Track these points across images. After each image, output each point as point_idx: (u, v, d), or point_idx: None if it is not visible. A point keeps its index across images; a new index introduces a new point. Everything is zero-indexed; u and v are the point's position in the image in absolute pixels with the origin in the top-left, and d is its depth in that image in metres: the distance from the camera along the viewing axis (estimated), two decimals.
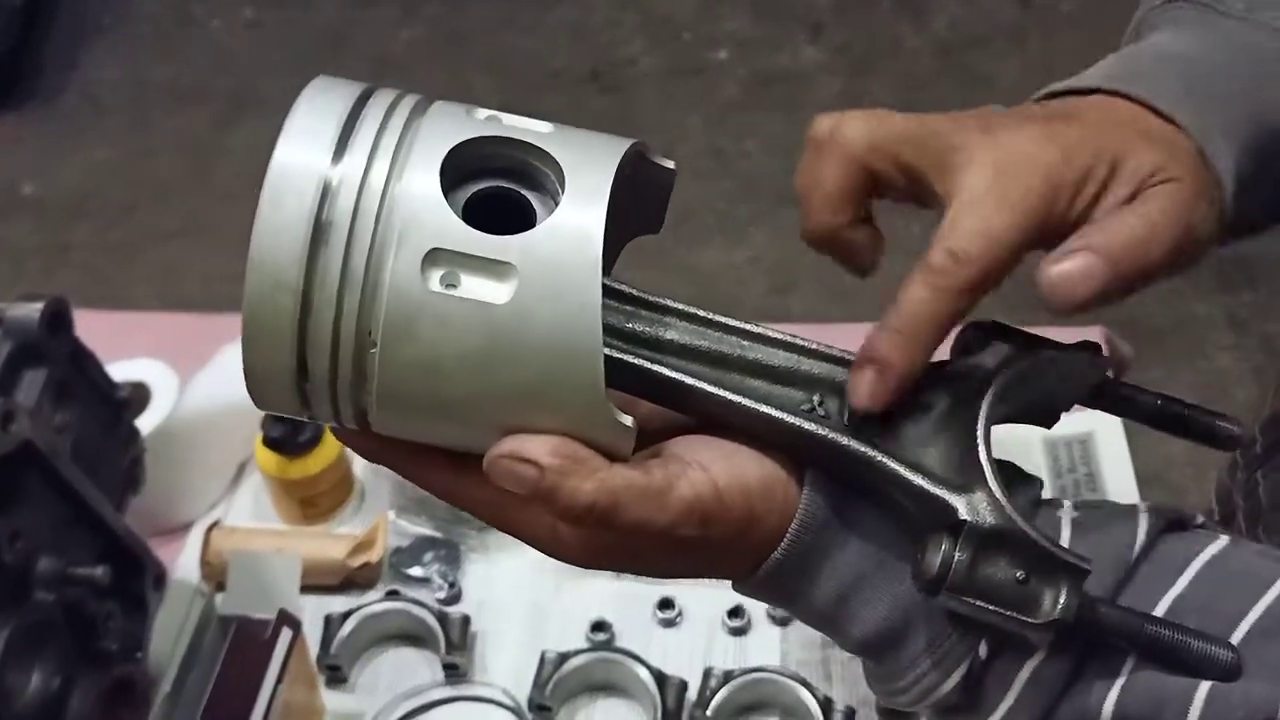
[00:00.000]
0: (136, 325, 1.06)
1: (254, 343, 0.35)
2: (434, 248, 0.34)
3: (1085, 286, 0.39)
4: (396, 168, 0.35)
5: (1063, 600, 0.37)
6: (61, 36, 2.69)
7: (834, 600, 0.41)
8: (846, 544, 0.40)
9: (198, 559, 0.86)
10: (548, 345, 0.35)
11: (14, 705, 0.65)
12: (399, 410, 0.36)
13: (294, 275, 0.34)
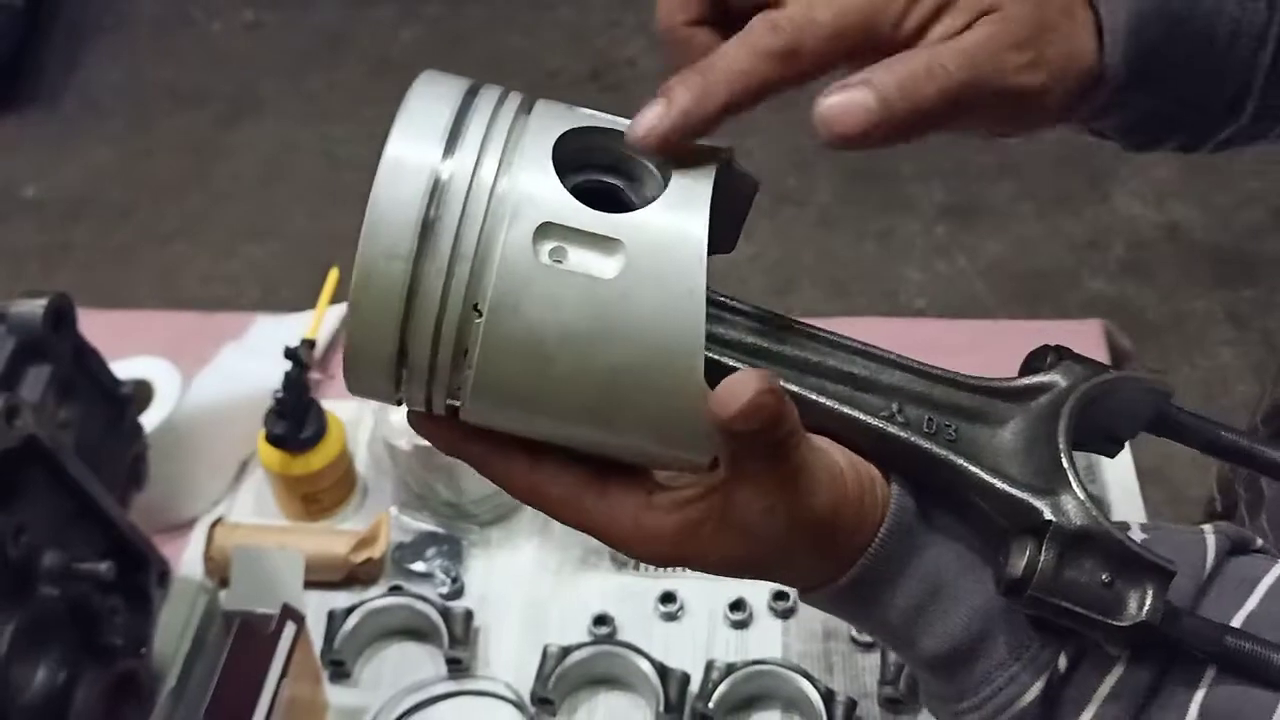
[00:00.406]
0: (138, 324, 1.06)
1: (360, 315, 0.35)
2: (545, 222, 0.35)
3: (852, 120, 0.38)
4: (508, 152, 0.36)
5: (1149, 603, 0.37)
6: (62, 38, 2.69)
7: (912, 609, 0.40)
8: (928, 549, 0.40)
9: (201, 555, 0.86)
10: (651, 325, 0.35)
11: (19, 700, 0.65)
12: (494, 390, 0.36)
13: (407, 245, 0.35)
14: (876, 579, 0.40)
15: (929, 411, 0.40)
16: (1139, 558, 0.38)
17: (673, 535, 0.39)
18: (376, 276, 0.35)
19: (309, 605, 0.78)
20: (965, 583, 0.40)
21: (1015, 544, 0.38)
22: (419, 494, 0.89)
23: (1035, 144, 2.18)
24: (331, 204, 2.32)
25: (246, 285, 2.18)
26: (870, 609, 0.41)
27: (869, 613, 0.41)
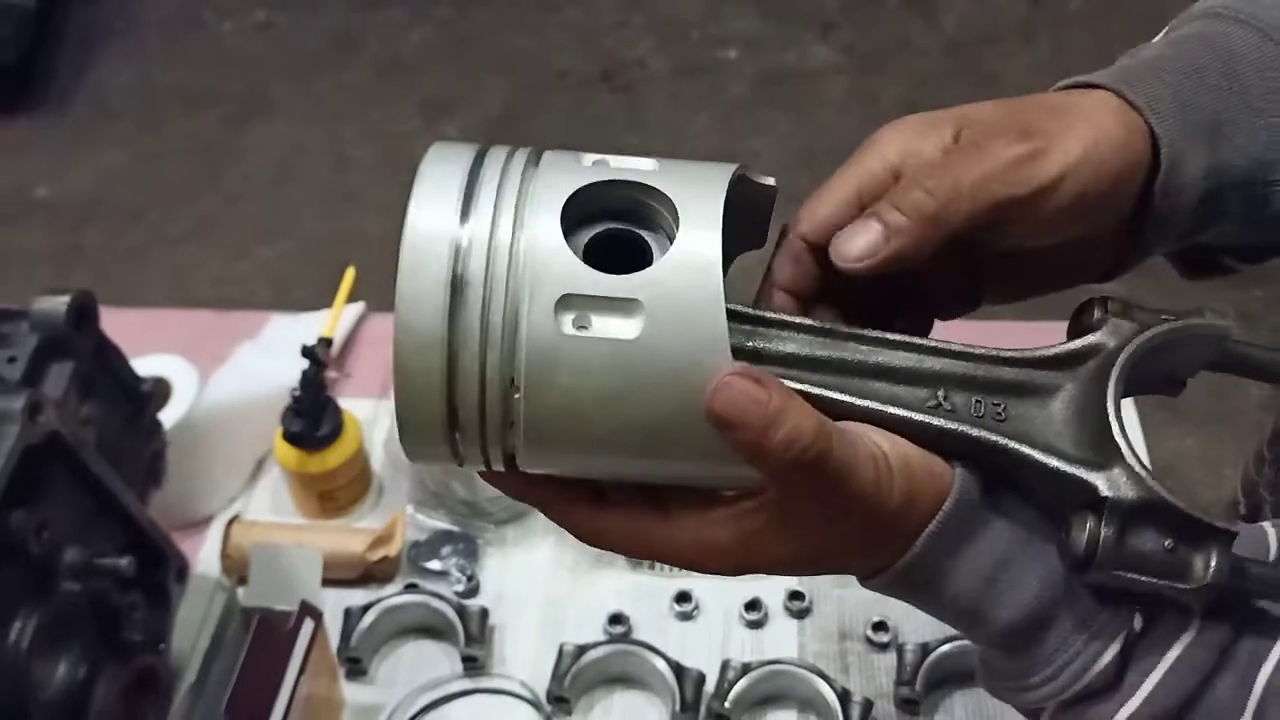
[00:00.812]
0: (153, 323, 1.07)
1: (406, 399, 0.37)
2: (564, 294, 0.36)
3: (861, 248, 0.41)
4: (519, 222, 0.37)
5: (1214, 564, 0.38)
6: (73, 41, 2.70)
7: (982, 582, 0.41)
8: (992, 524, 0.41)
9: (217, 553, 0.86)
10: (680, 372, 0.37)
11: (41, 695, 0.65)
12: (544, 450, 0.38)
13: (439, 334, 0.37)
14: (942, 554, 0.40)
15: (975, 394, 0.41)
16: (1199, 522, 0.38)
17: (736, 546, 0.40)
18: (415, 366, 0.37)
19: (325, 603, 0.78)
20: (1033, 552, 0.40)
21: (1075, 520, 0.39)
22: (435, 492, 0.89)
23: None
24: (341, 205, 2.32)
25: (258, 286, 2.19)
26: (937, 586, 0.41)
27: (936, 590, 0.41)
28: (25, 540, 0.63)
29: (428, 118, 2.46)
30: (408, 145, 2.42)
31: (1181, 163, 0.43)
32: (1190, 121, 0.43)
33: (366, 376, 1.00)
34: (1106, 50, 0.50)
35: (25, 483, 0.63)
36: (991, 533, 0.41)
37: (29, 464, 0.63)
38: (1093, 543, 0.38)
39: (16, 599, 0.63)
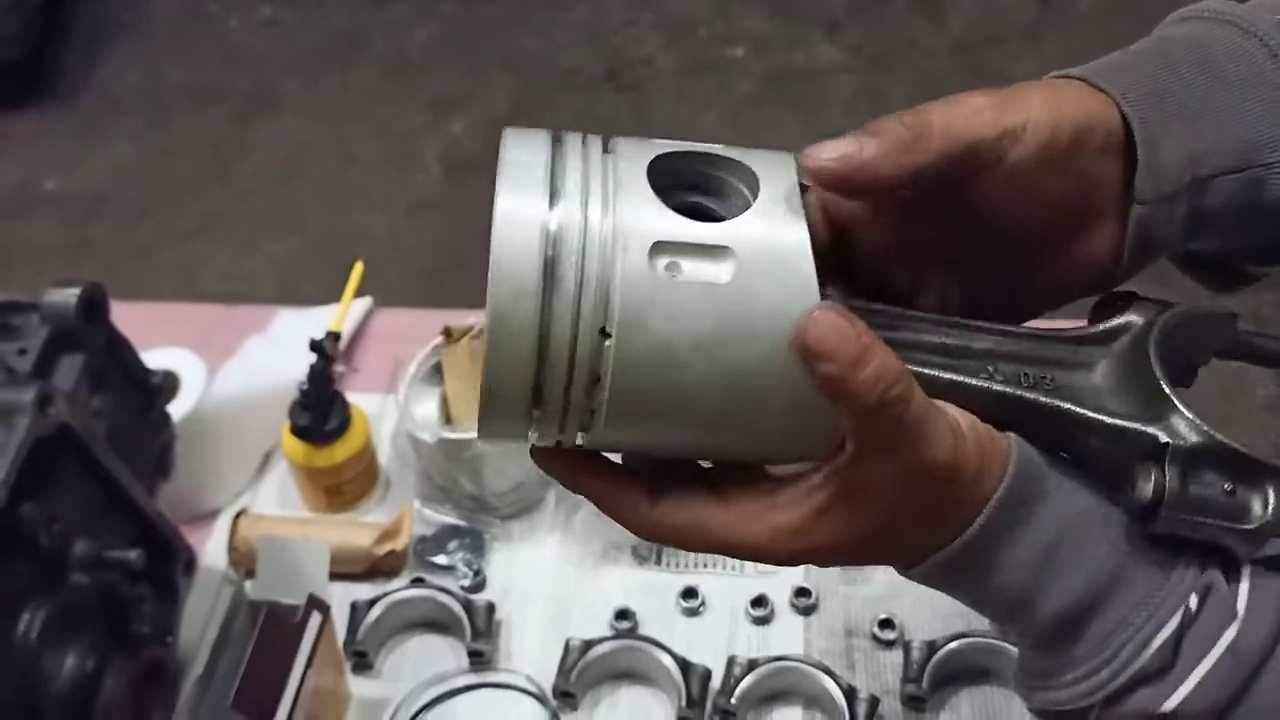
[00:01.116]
0: (162, 316, 1.07)
1: (497, 354, 0.37)
2: (657, 240, 0.37)
3: (834, 150, 0.41)
4: (606, 184, 0.38)
5: (1273, 503, 0.40)
6: (81, 36, 2.71)
7: (1036, 563, 0.40)
8: (1048, 501, 0.41)
9: (225, 546, 0.87)
10: (770, 316, 0.38)
11: (50, 687, 0.65)
12: (628, 407, 0.38)
13: (534, 282, 0.37)
14: (1003, 528, 0.40)
15: (1023, 367, 0.42)
16: (1258, 463, 0.41)
17: (805, 525, 0.40)
18: (510, 315, 0.37)
19: (332, 597, 0.78)
20: (1083, 534, 0.41)
21: (1140, 470, 0.40)
22: (442, 487, 0.89)
23: None
24: (348, 201, 2.33)
25: (265, 281, 2.19)
26: (993, 565, 0.41)
27: (991, 569, 0.41)
28: (35, 532, 0.63)
29: (434, 115, 2.46)
30: (414, 143, 2.42)
31: (1159, 146, 0.43)
32: (1167, 110, 0.43)
33: (374, 371, 1.00)
34: (1115, 51, 0.50)
35: (35, 475, 0.63)
36: (1046, 510, 0.40)
37: (39, 456, 0.63)
38: (1159, 489, 0.40)
39: (26, 591, 0.64)
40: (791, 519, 0.40)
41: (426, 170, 2.37)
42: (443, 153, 2.40)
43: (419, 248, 2.21)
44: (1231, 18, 0.46)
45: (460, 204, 2.30)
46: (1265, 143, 0.44)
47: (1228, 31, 0.46)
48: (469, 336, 0.87)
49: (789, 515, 0.40)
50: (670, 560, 0.88)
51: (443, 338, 0.88)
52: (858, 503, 0.39)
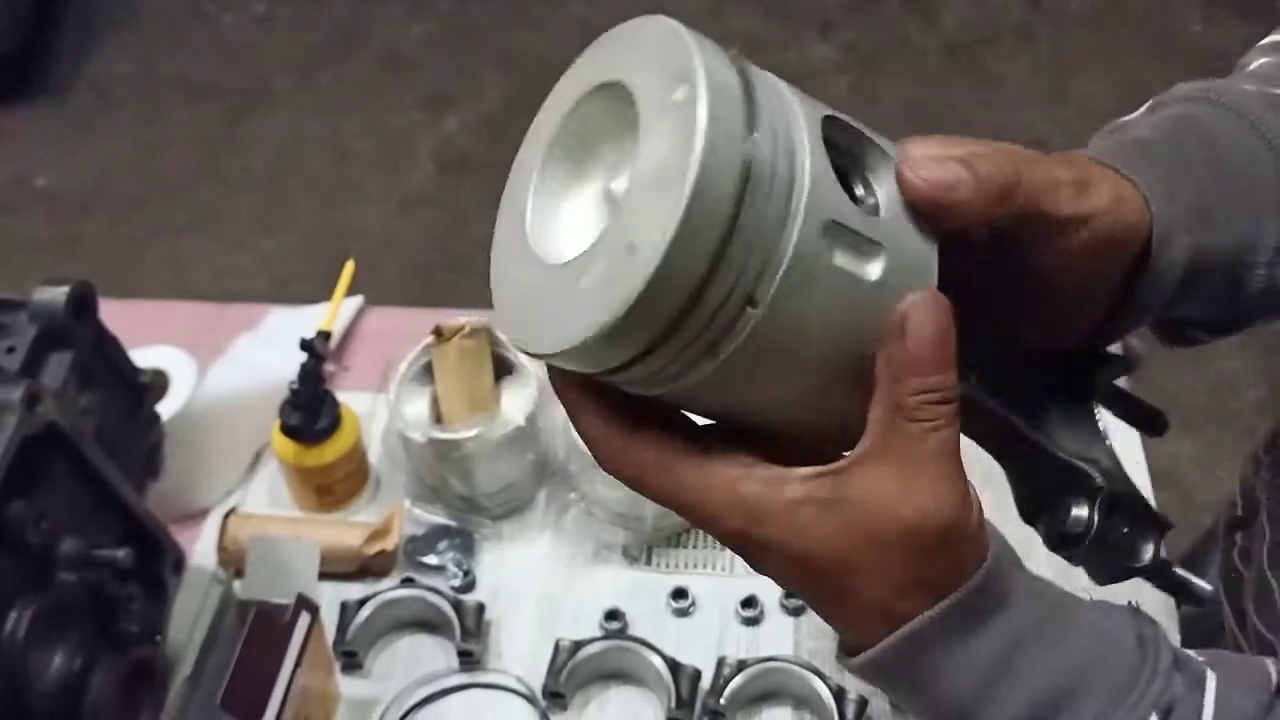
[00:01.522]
0: (152, 314, 1.07)
1: (667, 263, 0.33)
2: (830, 220, 0.36)
3: (925, 175, 0.39)
4: (791, 140, 0.36)
5: (1159, 550, 0.47)
6: (73, 30, 2.70)
7: (995, 664, 0.39)
8: (1015, 595, 0.40)
9: (214, 545, 0.87)
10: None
11: (37, 685, 0.65)
12: (737, 369, 0.36)
13: (726, 214, 0.34)
14: (968, 616, 0.39)
15: (1003, 384, 0.45)
16: (1155, 515, 0.47)
17: (767, 506, 0.38)
18: (697, 233, 0.33)
19: (322, 596, 0.78)
20: (1047, 634, 0.40)
21: (1072, 503, 0.45)
22: (432, 487, 0.89)
23: (1047, 148, 2.18)
24: (341, 198, 2.32)
25: (257, 278, 2.19)
26: (947, 661, 0.39)
27: (944, 665, 0.39)
28: (23, 530, 0.63)
29: (428, 112, 2.46)
30: (408, 139, 2.42)
31: (1168, 244, 0.45)
32: (1179, 207, 0.45)
33: (364, 370, 1.00)
34: (1107, 51, 0.51)
35: (23, 473, 0.63)
36: (1014, 612, 0.39)
37: (27, 454, 0.63)
38: (1088, 526, 0.44)
39: (14, 589, 0.63)
40: (758, 496, 0.38)
41: (420, 167, 2.37)
42: (436, 149, 2.40)
43: (412, 244, 2.21)
44: (1240, 109, 0.50)
45: (454, 201, 2.29)
46: (1253, 242, 0.48)
47: (1236, 127, 0.49)
48: (459, 336, 0.87)
49: (757, 491, 0.38)
50: (660, 561, 0.88)
51: (433, 337, 0.88)
52: (829, 514, 0.37)
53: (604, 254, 0.35)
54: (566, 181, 0.39)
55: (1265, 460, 0.73)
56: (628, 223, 0.34)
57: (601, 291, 0.34)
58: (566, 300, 0.35)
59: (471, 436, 0.84)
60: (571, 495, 0.88)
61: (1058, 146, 0.46)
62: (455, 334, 0.87)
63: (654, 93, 0.35)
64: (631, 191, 0.35)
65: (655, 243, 0.33)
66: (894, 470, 0.37)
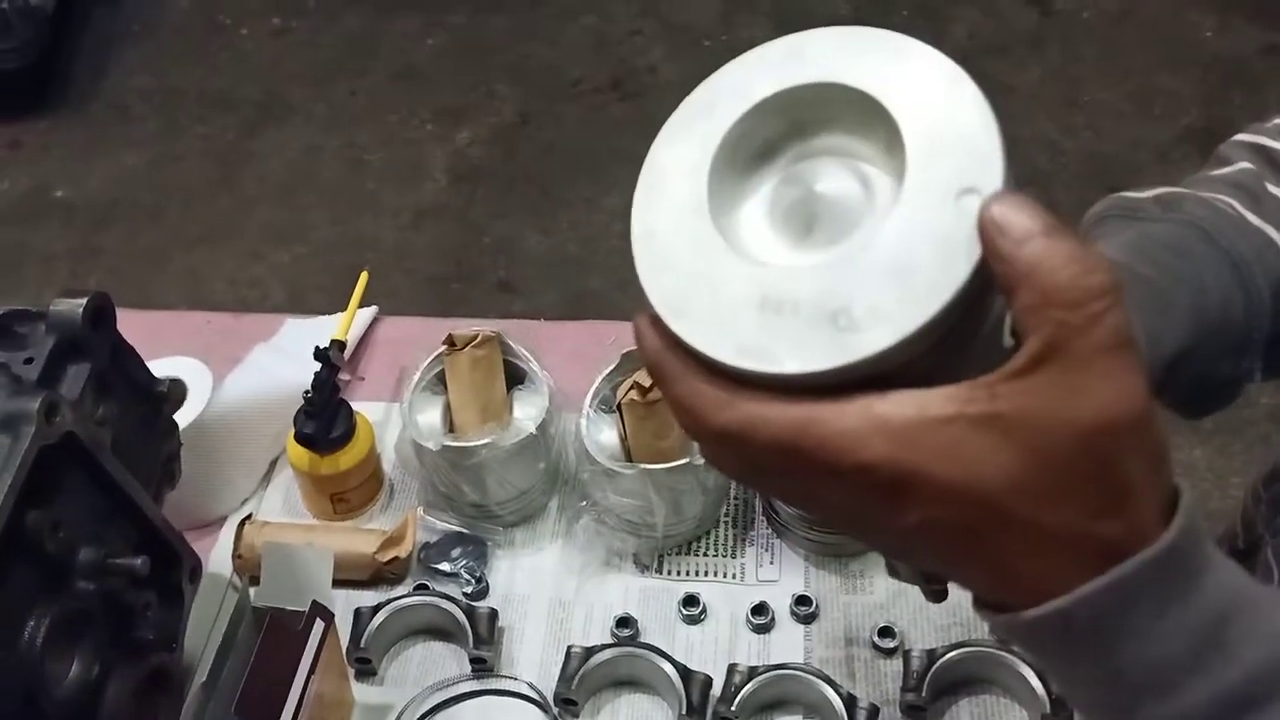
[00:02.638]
0: (169, 324, 1.08)
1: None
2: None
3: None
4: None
5: None
6: (91, 45, 2.73)
7: (1208, 629, 0.32)
8: (1217, 558, 0.34)
9: (230, 553, 0.87)
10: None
11: (54, 693, 0.66)
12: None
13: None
14: (1180, 561, 0.32)
15: None
16: None
17: (906, 427, 0.31)
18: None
19: (336, 603, 0.79)
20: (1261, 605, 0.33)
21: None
22: (445, 494, 0.90)
23: (1059, 158, 2.18)
24: (356, 209, 2.34)
25: (272, 289, 2.21)
26: (1158, 617, 0.32)
27: (1155, 622, 0.32)
28: (41, 539, 0.63)
29: (442, 124, 2.47)
30: (422, 151, 2.43)
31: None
32: (1158, 354, 0.52)
33: (378, 379, 1.00)
34: (1118, 59, 0.52)
35: (41, 482, 0.63)
36: (1217, 570, 0.33)
37: (45, 464, 0.63)
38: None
39: (31, 597, 0.64)
40: (898, 415, 0.31)
41: (433, 179, 2.39)
42: (449, 162, 2.41)
43: (425, 255, 2.22)
44: (1235, 254, 0.55)
45: (466, 213, 2.31)
46: (1215, 369, 0.54)
47: (1228, 275, 0.54)
48: (472, 345, 0.88)
49: (897, 410, 0.31)
50: (671, 568, 0.88)
51: (446, 346, 0.88)
52: (984, 432, 0.31)
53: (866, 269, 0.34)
54: (742, 182, 0.39)
55: (1265, 496, 0.73)
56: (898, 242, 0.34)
57: (895, 304, 0.33)
58: (811, 303, 0.34)
59: (484, 444, 0.85)
60: (583, 503, 0.89)
61: (1069, 154, 0.46)
62: (468, 343, 0.88)
63: (917, 101, 0.35)
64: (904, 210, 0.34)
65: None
66: (1060, 371, 0.31)
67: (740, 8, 2.66)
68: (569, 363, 0.93)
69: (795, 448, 0.33)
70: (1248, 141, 0.61)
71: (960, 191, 0.34)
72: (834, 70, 0.37)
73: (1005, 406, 0.31)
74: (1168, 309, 0.53)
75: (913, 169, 0.35)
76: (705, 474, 0.85)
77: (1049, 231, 0.31)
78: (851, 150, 0.38)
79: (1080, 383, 0.31)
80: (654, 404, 0.83)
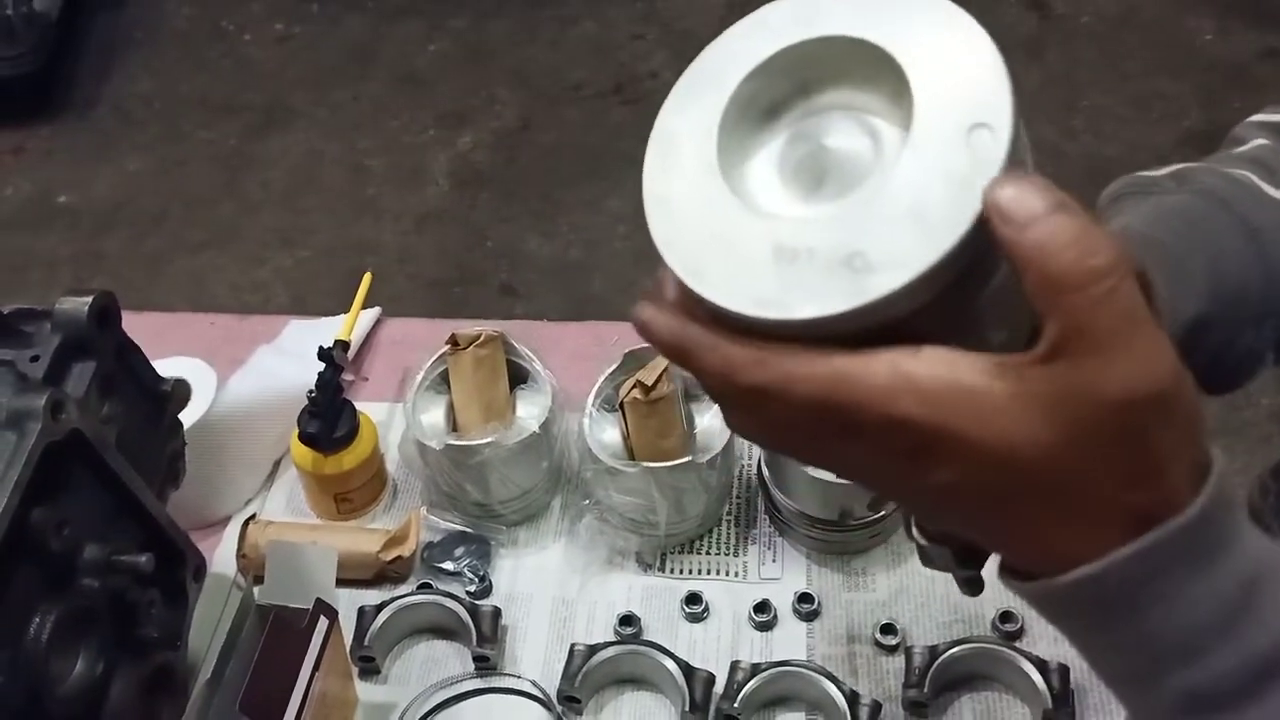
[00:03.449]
0: (173, 326, 1.08)
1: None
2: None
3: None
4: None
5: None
6: (94, 51, 2.74)
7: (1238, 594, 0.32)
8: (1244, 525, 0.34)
9: (234, 553, 0.88)
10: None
11: (59, 690, 0.66)
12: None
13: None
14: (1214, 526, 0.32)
15: None
16: None
17: (937, 388, 0.32)
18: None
19: (340, 602, 0.79)
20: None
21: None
22: (448, 494, 0.90)
23: (1062, 162, 2.18)
24: (358, 213, 2.35)
25: (275, 293, 2.21)
26: (1191, 581, 0.32)
27: (1186, 586, 0.32)
28: (46, 537, 0.64)
29: (443, 129, 2.48)
30: (423, 155, 2.44)
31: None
32: (1176, 321, 0.52)
33: (382, 379, 1.01)
34: (1118, 63, 0.52)
35: (47, 480, 0.64)
36: (1247, 535, 0.33)
37: (50, 461, 0.64)
38: None
39: (36, 595, 0.64)
40: (930, 374, 0.32)
41: (435, 183, 2.39)
42: (451, 166, 2.42)
43: (427, 259, 2.22)
44: (1250, 224, 0.55)
45: (468, 216, 2.31)
46: (1231, 341, 0.54)
47: (1242, 244, 0.54)
48: (475, 345, 0.88)
49: (929, 369, 0.32)
50: (674, 567, 0.89)
51: (449, 346, 0.89)
52: (1019, 400, 0.31)
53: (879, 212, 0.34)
54: (750, 141, 0.40)
55: (1273, 487, 0.73)
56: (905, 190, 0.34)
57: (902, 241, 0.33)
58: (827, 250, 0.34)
59: (487, 443, 0.85)
60: (586, 502, 0.89)
61: (1070, 158, 0.47)
62: (470, 343, 0.88)
63: (924, 48, 0.36)
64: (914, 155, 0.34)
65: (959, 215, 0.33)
66: (1080, 355, 0.32)
67: (741, 12, 2.66)
68: (571, 362, 0.94)
69: (828, 403, 0.33)
70: (1264, 121, 0.61)
71: (970, 128, 0.34)
72: (836, 25, 0.38)
73: (1034, 389, 0.32)
74: (1185, 275, 0.53)
75: (920, 111, 0.35)
76: (708, 472, 0.85)
77: (1052, 212, 0.32)
78: (859, 104, 0.38)
79: (1100, 363, 0.32)
80: (656, 403, 0.83)
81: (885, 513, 0.85)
